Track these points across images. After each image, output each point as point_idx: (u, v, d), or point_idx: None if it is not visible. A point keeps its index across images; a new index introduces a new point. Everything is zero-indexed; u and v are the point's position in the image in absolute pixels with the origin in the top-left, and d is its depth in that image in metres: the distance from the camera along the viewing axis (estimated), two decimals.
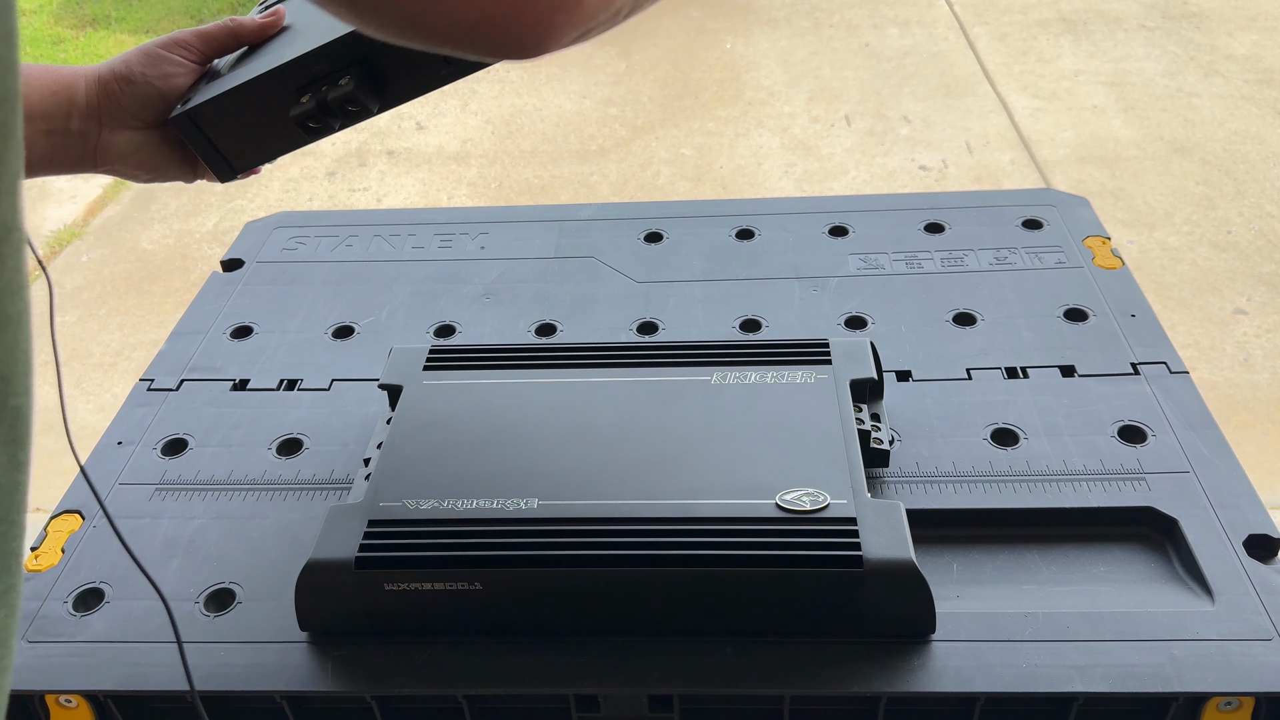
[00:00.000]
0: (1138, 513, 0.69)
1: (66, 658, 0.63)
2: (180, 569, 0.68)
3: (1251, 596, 0.62)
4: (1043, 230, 0.96)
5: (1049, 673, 0.59)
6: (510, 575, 0.61)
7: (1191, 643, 0.60)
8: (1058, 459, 0.72)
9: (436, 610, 0.62)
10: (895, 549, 0.60)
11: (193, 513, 0.73)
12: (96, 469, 0.77)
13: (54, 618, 0.65)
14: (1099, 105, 2.75)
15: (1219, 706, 0.59)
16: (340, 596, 0.62)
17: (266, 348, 0.88)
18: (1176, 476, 0.70)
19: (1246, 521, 0.67)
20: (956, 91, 2.86)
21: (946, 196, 1.03)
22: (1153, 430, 0.74)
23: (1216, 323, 2.00)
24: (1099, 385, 0.79)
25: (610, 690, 0.61)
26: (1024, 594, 0.65)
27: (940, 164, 2.54)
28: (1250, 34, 3.06)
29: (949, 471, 0.72)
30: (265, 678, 0.61)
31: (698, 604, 0.61)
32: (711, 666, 0.61)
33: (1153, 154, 2.53)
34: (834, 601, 0.60)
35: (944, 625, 0.62)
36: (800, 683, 0.60)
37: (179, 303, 2.20)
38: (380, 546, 0.61)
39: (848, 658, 0.61)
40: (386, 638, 0.63)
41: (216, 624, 0.65)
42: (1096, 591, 0.65)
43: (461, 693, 0.61)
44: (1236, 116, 2.65)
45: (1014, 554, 0.68)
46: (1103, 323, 0.85)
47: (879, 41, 3.13)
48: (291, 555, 0.66)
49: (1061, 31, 3.14)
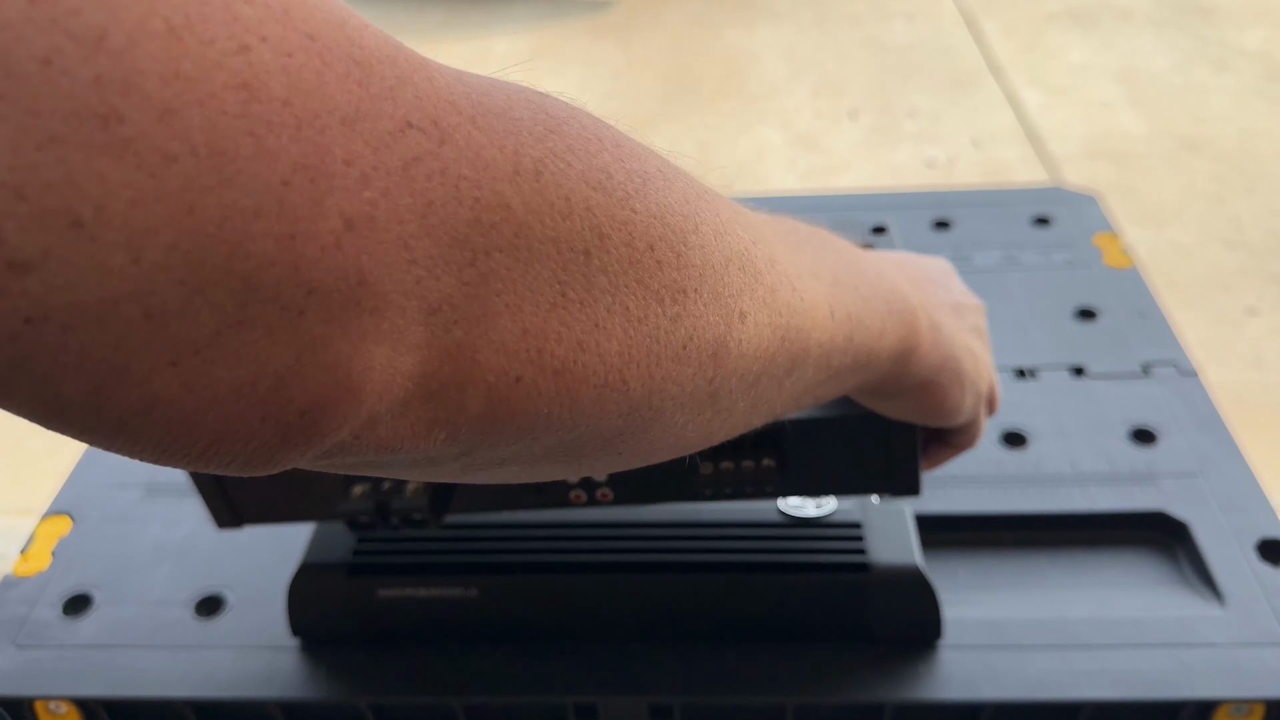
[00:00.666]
0: (1148, 517, 0.67)
1: (55, 663, 0.62)
2: (170, 573, 0.67)
3: (1262, 601, 0.61)
4: (1051, 227, 0.94)
5: (1057, 679, 0.58)
6: (507, 581, 0.60)
7: (1201, 648, 0.59)
8: (1067, 461, 0.71)
9: (431, 616, 0.61)
10: (901, 554, 0.59)
11: (183, 516, 0.72)
12: (87, 471, 0.76)
13: (43, 622, 0.65)
14: (1108, 100, 2.73)
15: (1229, 712, 0.58)
16: (333, 602, 0.61)
17: None
18: (1187, 479, 0.69)
19: (1257, 525, 0.66)
20: (963, 86, 2.84)
21: (953, 193, 1.01)
22: (1163, 432, 0.73)
23: (1227, 322, 1.98)
24: (1109, 386, 0.77)
25: (609, 698, 0.60)
26: (1032, 599, 0.64)
27: (947, 159, 2.52)
28: (1261, 29, 3.03)
29: (957, 475, 0.70)
30: (257, 684, 0.60)
31: (699, 610, 0.60)
32: (713, 674, 0.60)
33: (1162, 150, 2.51)
34: (839, 608, 0.59)
35: (950, 631, 0.61)
36: (804, 690, 0.59)
37: None
38: (374, 551, 0.60)
39: (852, 665, 0.60)
40: (381, 644, 0.62)
41: (207, 629, 0.64)
42: (1105, 596, 0.64)
43: (457, 700, 0.60)
44: (1247, 112, 2.63)
45: (1022, 558, 0.67)
46: (1112, 322, 0.83)
47: (884, 35, 3.12)
48: (284, 560, 0.65)
49: (1070, 25, 3.12)
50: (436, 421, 0.23)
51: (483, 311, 0.22)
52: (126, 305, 0.17)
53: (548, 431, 0.25)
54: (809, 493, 0.56)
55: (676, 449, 0.30)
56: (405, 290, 0.20)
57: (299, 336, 0.19)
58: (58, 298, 0.17)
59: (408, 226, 0.20)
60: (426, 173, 0.20)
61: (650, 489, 0.56)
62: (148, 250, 0.17)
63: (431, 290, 0.21)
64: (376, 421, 0.22)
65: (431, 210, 0.20)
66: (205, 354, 0.18)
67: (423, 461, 0.25)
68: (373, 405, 0.21)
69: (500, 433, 0.24)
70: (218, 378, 0.19)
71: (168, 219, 0.17)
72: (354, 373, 0.20)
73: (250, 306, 0.18)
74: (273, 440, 0.20)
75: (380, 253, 0.20)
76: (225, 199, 0.17)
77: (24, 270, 0.16)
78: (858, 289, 0.37)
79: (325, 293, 0.19)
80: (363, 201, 0.19)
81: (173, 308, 0.18)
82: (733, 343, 0.28)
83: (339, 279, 0.19)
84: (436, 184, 0.21)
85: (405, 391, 0.22)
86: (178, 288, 0.18)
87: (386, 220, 0.20)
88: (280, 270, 0.18)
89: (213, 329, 0.18)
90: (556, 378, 0.23)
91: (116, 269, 0.17)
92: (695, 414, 0.29)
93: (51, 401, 0.18)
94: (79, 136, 0.16)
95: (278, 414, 0.20)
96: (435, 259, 0.21)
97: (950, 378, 0.44)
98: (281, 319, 0.19)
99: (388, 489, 0.54)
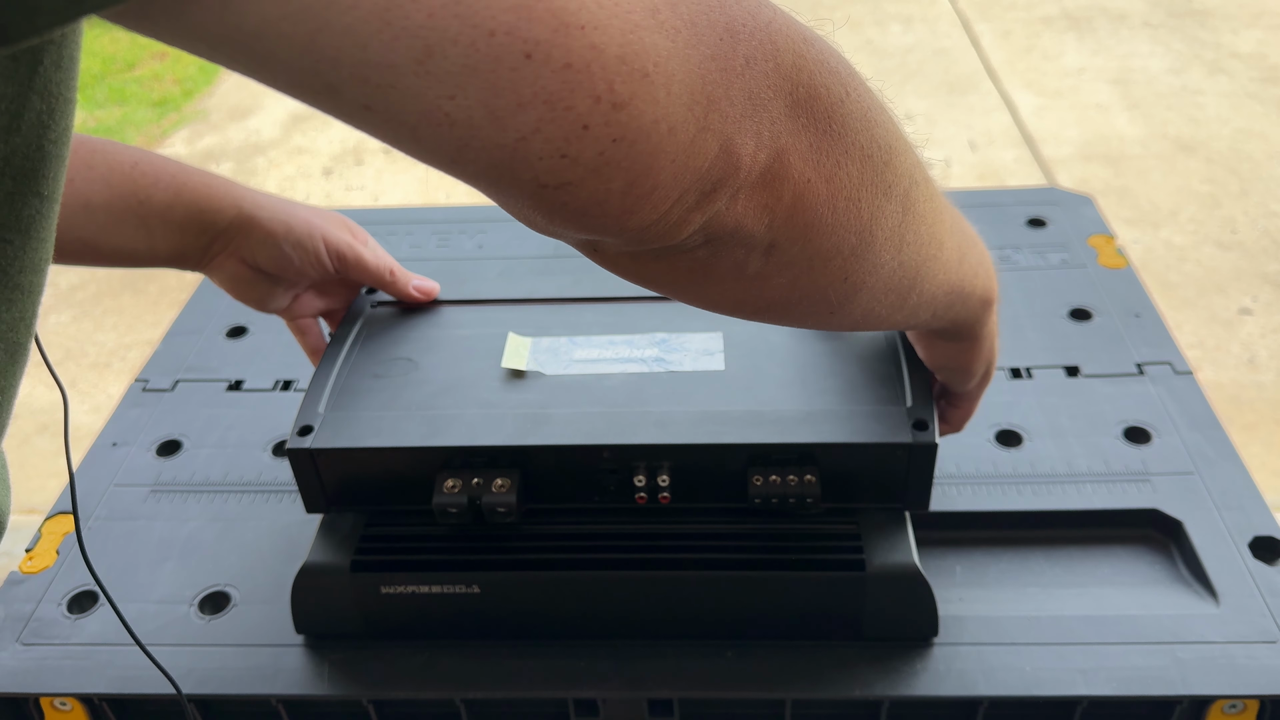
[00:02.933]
0: (1142, 515, 0.68)
1: (61, 660, 0.63)
2: (175, 571, 0.68)
3: (1256, 599, 0.62)
4: (1047, 229, 0.95)
5: (1053, 676, 0.59)
6: (508, 578, 0.60)
7: (1196, 645, 0.60)
8: (1062, 460, 0.72)
9: (434, 613, 0.61)
10: (899, 553, 0.59)
11: (188, 514, 0.72)
12: (91, 470, 0.76)
13: (48, 620, 0.65)
14: (1103, 103, 2.74)
15: (1224, 709, 0.58)
16: (337, 599, 0.61)
17: (262, 348, 0.87)
18: (1181, 478, 0.70)
19: (1251, 523, 0.66)
20: (960, 89, 2.85)
21: (950, 195, 1.01)
22: (1157, 431, 0.74)
23: (1221, 322, 1.99)
24: (1103, 386, 0.78)
25: (610, 694, 0.60)
26: (1027, 597, 0.64)
27: (943, 161, 2.53)
28: (1255, 31, 3.04)
29: (953, 473, 0.71)
30: (261, 681, 0.61)
31: (698, 608, 0.61)
32: (712, 670, 0.60)
33: (1157, 152, 2.52)
34: (836, 606, 0.60)
35: (947, 628, 0.61)
36: (801, 686, 0.59)
37: (174, 302, 2.19)
38: (377, 549, 0.61)
39: (849, 661, 0.60)
40: (383, 641, 0.62)
41: (211, 627, 0.64)
42: (1100, 594, 0.64)
43: (459, 696, 0.60)
44: (1241, 114, 2.64)
45: (1018, 556, 0.67)
46: (1107, 322, 0.84)
47: (881, 38, 3.12)
48: (288, 557, 0.66)
49: (1065, 29, 3.13)
50: (765, 206, 0.35)
51: (793, 126, 0.34)
52: (661, 123, 0.29)
53: (817, 230, 0.36)
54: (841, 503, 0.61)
55: (878, 305, 0.43)
56: (763, 105, 0.32)
57: (723, 133, 0.31)
58: (632, 124, 0.29)
59: (767, 64, 0.32)
60: (775, 31, 0.33)
61: (707, 496, 0.61)
62: (673, 86, 0.29)
63: (773, 106, 0.33)
64: (737, 195, 0.33)
65: (776, 53, 0.32)
66: (687, 149, 0.31)
67: (743, 255, 0.37)
68: (743, 177, 0.33)
69: (796, 223, 0.36)
70: (689, 165, 0.31)
71: (679, 66, 0.29)
72: (742, 154, 0.32)
73: (709, 116, 0.31)
74: (694, 203, 0.32)
75: (756, 79, 0.32)
76: (700, 50, 0.30)
77: (620, 107, 0.28)
78: (965, 233, 0.51)
79: (735, 103, 0.31)
80: (750, 48, 0.31)
81: (678, 122, 0.30)
82: (913, 199, 0.41)
83: (746, 101, 0.32)
84: (777, 38, 0.33)
85: (755, 175, 0.33)
86: (682, 110, 0.30)
87: (758, 59, 0.32)
88: (721, 90, 0.31)
89: (693, 133, 0.30)
90: (827, 184, 0.36)
91: (660, 100, 0.29)
92: (893, 255, 0.41)
93: (603, 193, 0.30)
94: (646, 23, 0.28)
95: (704, 185, 0.32)
96: (775, 86, 0.33)
97: (993, 335, 0.58)
98: (721, 124, 0.31)
99: (477, 484, 0.58)
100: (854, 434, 0.59)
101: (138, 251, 0.63)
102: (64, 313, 2.22)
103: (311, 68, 0.26)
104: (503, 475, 0.59)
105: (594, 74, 0.27)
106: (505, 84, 0.27)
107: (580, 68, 0.27)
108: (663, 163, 0.30)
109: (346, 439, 0.60)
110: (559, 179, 0.30)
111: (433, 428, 0.60)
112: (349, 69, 0.26)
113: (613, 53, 0.27)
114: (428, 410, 0.62)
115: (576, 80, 0.27)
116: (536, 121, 0.28)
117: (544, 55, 0.27)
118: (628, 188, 0.30)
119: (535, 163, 0.29)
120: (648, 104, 0.29)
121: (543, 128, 0.28)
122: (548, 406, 0.61)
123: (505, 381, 0.64)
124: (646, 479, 0.60)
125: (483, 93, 0.27)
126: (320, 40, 0.25)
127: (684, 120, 0.30)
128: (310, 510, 0.63)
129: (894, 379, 0.62)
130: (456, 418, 0.61)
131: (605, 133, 0.29)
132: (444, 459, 0.59)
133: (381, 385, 0.64)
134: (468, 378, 0.64)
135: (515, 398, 0.62)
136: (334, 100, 0.27)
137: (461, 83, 0.26)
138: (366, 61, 0.26)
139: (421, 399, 0.63)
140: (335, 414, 0.62)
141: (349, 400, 0.63)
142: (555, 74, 0.27)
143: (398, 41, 0.25)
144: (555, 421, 0.60)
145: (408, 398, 0.63)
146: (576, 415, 0.60)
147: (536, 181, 0.30)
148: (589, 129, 0.28)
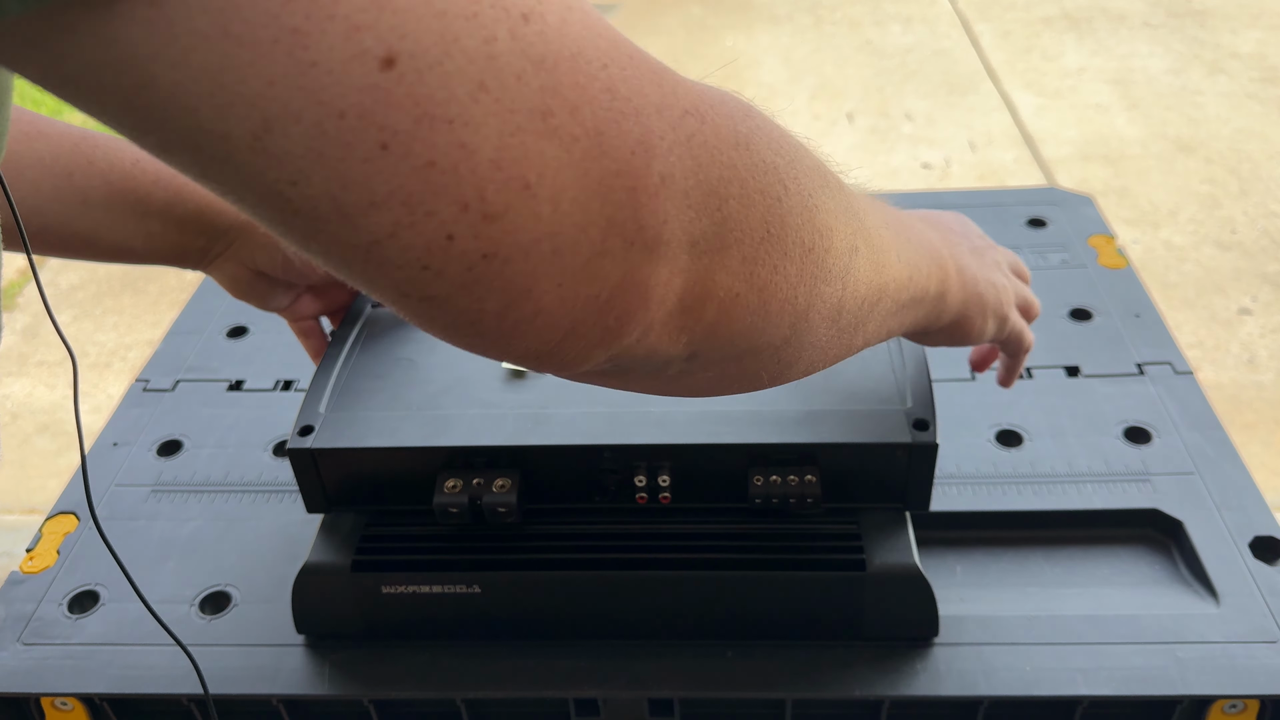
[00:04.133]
0: (1142, 515, 0.68)
1: (61, 660, 0.63)
2: (176, 571, 0.68)
3: (1257, 598, 0.62)
4: (1047, 229, 0.95)
5: (1053, 676, 0.59)
6: (509, 578, 0.60)
7: (1196, 645, 0.60)
8: (1062, 460, 0.72)
9: (434, 613, 0.61)
10: (899, 553, 0.59)
11: (189, 514, 0.72)
12: (92, 470, 0.76)
13: (49, 620, 0.65)
14: (1103, 103, 2.74)
15: (1224, 709, 0.58)
16: (337, 599, 0.61)
17: (263, 348, 0.87)
18: (1181, 478, 0.70)
19: (1251, 523, 0.66)
20: (960, 89, 2.85)
21: (950, 195, 1.02)
22: (1157, 431, 0.74)
23: (1221, 322, 1.99)
24: (1104, 386, 0.78)
25: (610, 694, 0.60)
26: (1028, 596, 0.64)
27: (943, 162, 2.53)
28: (1255, 31, 3.05)
29: (953, 473, 0.71)
30: (262, 681, 0.61)
31: (699, 608, 0.61)
32: (713, 670, 0.60)
33: (1157, 152, 2.52)
34: (837, 606, 0.60)
35: (947, 628, 0.61)
36: (802, 686, 0.59)
37: (174, 302, 2.19)
38: (377, 549, 0.61)
39: (850, 661, 0.60)
40: (384, 641, 0.62)
41: (212, 627, 0.64)
42: (1101, 594, 0.64)
43: (460, 696, 0.60)
44: (1241, 115, 2.64)
45: (1018, 556, 0.67)
46: (1107, 322, 0.84)
47: (881, 38, 3.12)
48: (289, 557, 0.66)
49: (1065, 29, 3.14)
50: (683, 328, 0.31)
51: (721, 244, 0.30)
52: (544, 242, 0.25)
53: (745, 336, 0.33)
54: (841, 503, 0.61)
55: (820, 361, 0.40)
56: (683, 227, 0.28)
57: (628, 261, 0.27)
58: (506, 239, 0.25)
59: (688, 181, 0.28)
60: (699, 144, 0.29)
61: (708, 496, 0.61)
62: (562, 202, 0.25)
63: (695, 228, 0.29)
64: (650, 328, 0.30)
65: (699, 169, 0.29)
66: (578, 275, 0.27)
67: (660, 366, 0.33)
68: (654, 313, 0.29)
69: (719, 337, 0.32)
70: (580, 293, 0.27)
71: (572, 180, 0.25)
72: (649, 288, 0.28)
73: (609, 240, 0.27)
74: (595, 339, 0.29)
75: (674, 200, 0.28)
76: (602, 164, 0.26)
77: (492, 220, 0.24)
78: (909, 239, 0.46)
79: (646, 228, 0.27)
80: (668, 164, 0.27)
81: (568, 243, 0.26)
82: (852, 270, 0.38)
83: (653, 218, 0.27)
84: (701, 152, 0.29)
85: (671, 304, 0.30)
86: (573, 228, 0.26)
87: (678, 177, 0.28)
88: (627, 212, 0.27)
89: (586, 257, 0.26)
90: (760, 293, 0.32)
91: (544, 216, 0.25)
92: (830, 326, 0.38)
93: (475, 313, 0.27)
94: (531, 126, 0.24)
95: (604, 319, 0.28)
96: (699, 205, 0.29)
97: (975, 310, 0.54)
98: (622, 248, 0.27)
99: (477, 484, 0.59)
100: (854, 434, 0.59)
101: (136, 249, 0.64)
102: (64, 313, 2.22)
103: (138, 125, 0.23)
104: (503, 475, 0.59)
105: (461, 177, 0.24)
106: (356, 176, 0.23)
107: (446, 168, 0.23)
108: (545, 287, 0.26)
109: (347, 439, 0.60)
110: (422, 292, 0.26)
111: (433, 428, 0.60)
112: (178, 135, 0.23)
113: (486, 155, 0.24)
114: (428, 410, 0.62)
115: (440, 182, 0.24)
116: (392, 225, 0.24)
117: (403, 148, 0.23)
118: (503, 310, 0.27)
119: (393, 270, 0.25)
120: (527, 219, 0.25)
121: (399, 233, 0.24)
122: (548, 406, 0.61)
123: (506, 381, 0.64)
124: (647, 479, 0.60)
125: (330, 183, 0.23)
126: (143, 98, 0.22)
127: (574, 242, 0.26)
128: (311, 510, 0.63)
129: (894, 379, 0.62)
130: (457, 418, 0.61)
131: (474, 246, 0.25)
132: (445, 459, 0.60)
133: (382, 385, 0.64)
134: (468, 378, 0.64)
135: (516, 398, 0.62)
136: (171, 161, 0.24)
137: (304, 168, 0.23)
138: (198, 128, 0.22)
139: (422, 399, 0.63)
140: (336, 414, 0.62)
141: (350, 400, 0.63)
142: (415, 172, 0.23)
143: (231, 109, 0.22)
144: (555, 421, 0.60)
145: (408, 398, 0.63)
146: (577, 415, 0.61)
147: (398, 290, 0.26)
148: (454, 240, 0.25)
